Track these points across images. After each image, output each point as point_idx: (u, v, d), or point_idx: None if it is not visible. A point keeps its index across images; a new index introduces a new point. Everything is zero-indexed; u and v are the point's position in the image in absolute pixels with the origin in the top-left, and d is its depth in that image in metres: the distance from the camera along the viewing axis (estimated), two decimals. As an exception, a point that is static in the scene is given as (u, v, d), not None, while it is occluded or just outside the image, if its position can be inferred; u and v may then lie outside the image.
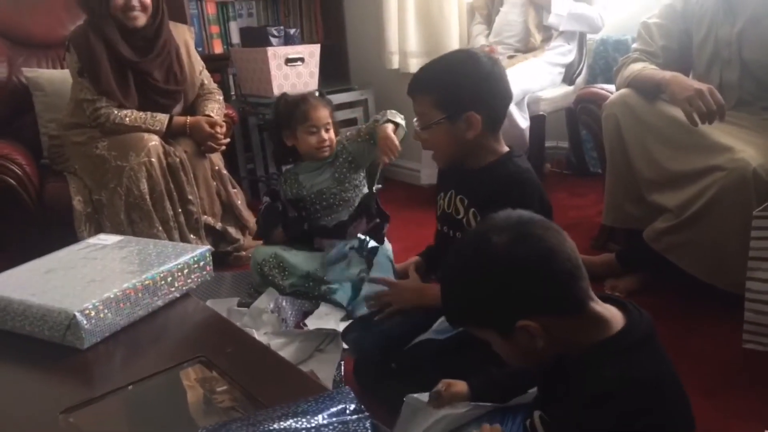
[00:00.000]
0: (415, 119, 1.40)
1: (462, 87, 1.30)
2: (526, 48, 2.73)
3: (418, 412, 1.14)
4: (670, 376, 0.86)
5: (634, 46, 1.99)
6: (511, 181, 1.33)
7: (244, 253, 2.40)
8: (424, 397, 1.13)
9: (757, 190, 1.56)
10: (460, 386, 1.14)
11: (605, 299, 0.89)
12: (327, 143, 2.02)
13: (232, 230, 2.42)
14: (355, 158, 2.07)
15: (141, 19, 2.18)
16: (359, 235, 1.97)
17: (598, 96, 2.07)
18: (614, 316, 0.85)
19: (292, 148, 2.07)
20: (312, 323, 1.82)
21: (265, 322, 1.81)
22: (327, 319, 1.83)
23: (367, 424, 0.72)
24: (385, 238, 2.05)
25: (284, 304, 1.90)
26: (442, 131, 1.34)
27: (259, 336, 1.69)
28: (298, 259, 2.02)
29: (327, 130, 2.02)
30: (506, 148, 1.41)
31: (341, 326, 1.64)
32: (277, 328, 1.78)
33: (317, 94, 2.12)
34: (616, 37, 2.77)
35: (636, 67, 1.85)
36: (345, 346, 1.52)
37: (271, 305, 1.88)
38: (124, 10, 2.14)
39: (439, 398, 1.12)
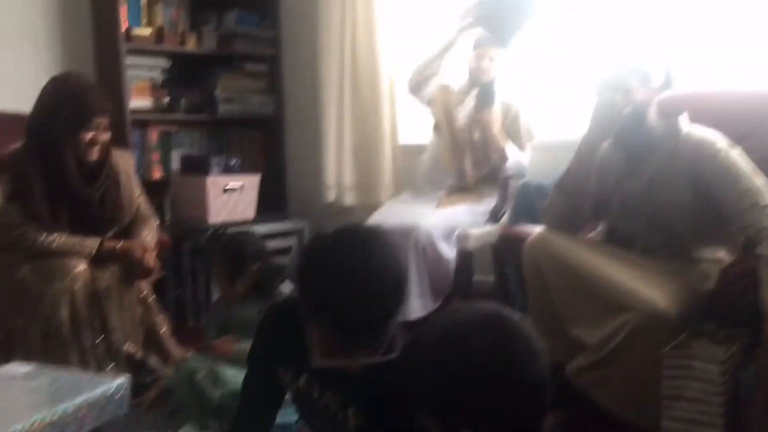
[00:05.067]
0: None
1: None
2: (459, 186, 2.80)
3: None
4: None
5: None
6: None
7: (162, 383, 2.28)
8: None
9: (666, 331, 1.65)
10: None
11: None
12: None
13: (153, 360, 2.30)
14: None
15: (97, 154, 2.20)
16: None
17: (519, 237, 2.18)
18: None
19: None
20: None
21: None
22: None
23: None
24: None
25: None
26: None
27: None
28: (235, 373, 1.93)
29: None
30: None
31: None
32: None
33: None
34: (537, 181, 2.96)
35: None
36: None
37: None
38: (88, 145, 2.15)
39: None
